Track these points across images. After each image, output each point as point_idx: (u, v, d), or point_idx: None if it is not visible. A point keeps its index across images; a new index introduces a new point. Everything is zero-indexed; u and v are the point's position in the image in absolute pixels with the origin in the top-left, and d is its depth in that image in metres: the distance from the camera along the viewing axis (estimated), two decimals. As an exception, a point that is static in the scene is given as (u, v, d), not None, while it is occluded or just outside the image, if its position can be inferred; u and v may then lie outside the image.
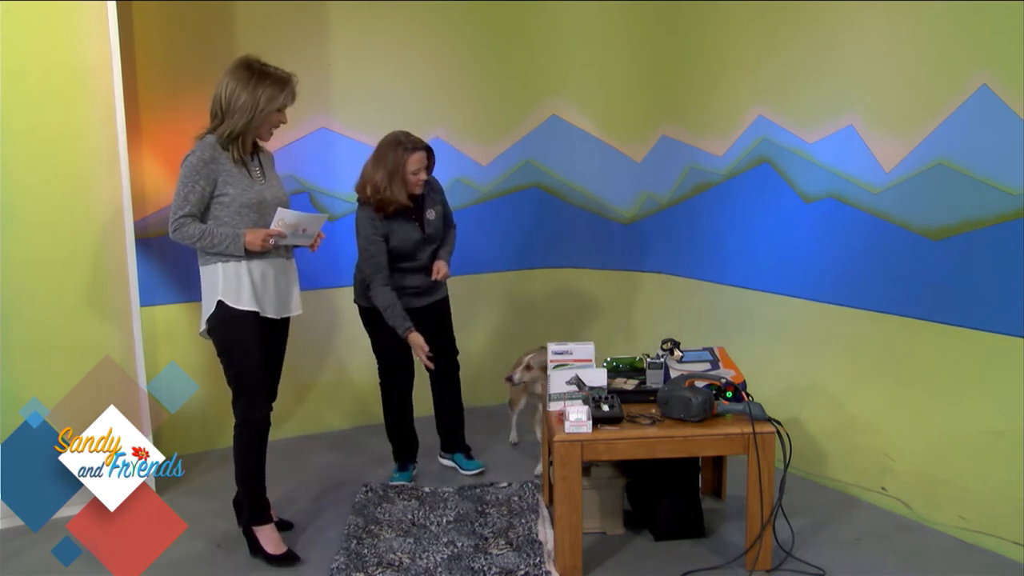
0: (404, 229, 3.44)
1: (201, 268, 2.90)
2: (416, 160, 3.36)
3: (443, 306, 3.68)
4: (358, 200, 3.46)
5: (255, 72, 2.83)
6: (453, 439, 3.86)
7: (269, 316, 2.93)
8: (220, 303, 2.84)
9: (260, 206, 2.87)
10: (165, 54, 3.93)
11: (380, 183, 3.33)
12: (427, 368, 3.52)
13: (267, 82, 2.83)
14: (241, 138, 2.85)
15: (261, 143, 2.98)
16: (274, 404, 3.08)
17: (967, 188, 3.05)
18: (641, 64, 4.56)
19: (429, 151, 3.44)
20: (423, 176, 3.40)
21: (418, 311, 3.52)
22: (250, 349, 2.88)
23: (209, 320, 2.87)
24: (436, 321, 3.62)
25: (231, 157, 2.85)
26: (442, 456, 3.91)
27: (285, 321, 3.07)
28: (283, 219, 2.84)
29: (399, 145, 3.36)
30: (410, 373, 3.66)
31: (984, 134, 2.99)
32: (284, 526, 3.22)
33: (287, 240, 2.90)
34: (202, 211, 2.83)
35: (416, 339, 3.40)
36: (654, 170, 4.56)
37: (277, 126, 2.94)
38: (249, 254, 2.84)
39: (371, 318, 3.53)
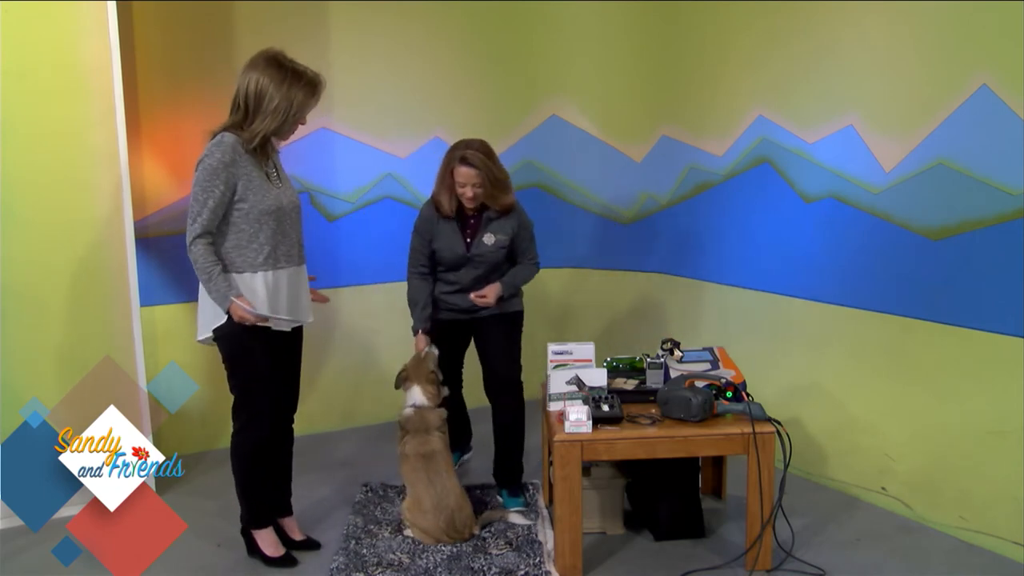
0: (451, 238, 3.35)
1: None
2: (461, 175, 3.21)
3: (498, 324, 3.44)
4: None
5: (287, 71, 2.66)
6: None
7: (282, 328, 2.84)
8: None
9: (279, 213, 2.76)
10: (165, 54, 3.93)
11: (436, 185, 3.32)
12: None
13: (300, 84, 2.67)
14: (268, 141, 2.75)
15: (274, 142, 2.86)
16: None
17: (967, 188, 3.05)
18: (641, 64, 4.56)
19: (483, 170, 3.19)
20: (468, 193, 3.23)
21: (463, 324, 3.46)
22: (259, 360, 2.79)
23: (217, 329, 2.75)
24: (488, 339, 3.47)
25: (254, 161, 2.71)
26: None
27: (298, 330, 2.98)
28: (245, 318, 2.69)
29: (453, 151, 3.26)
30: (456, 377, 3.63)
31: (984, 134, 2.98)
32: (311, 545, 3.11)
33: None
34: (219, 218, 2.68)
35: (418, 341, 3.39)
36: (654, 170, 4.56)
37: (296, 128, 2.80)
38: (264, 266, 2.74)
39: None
